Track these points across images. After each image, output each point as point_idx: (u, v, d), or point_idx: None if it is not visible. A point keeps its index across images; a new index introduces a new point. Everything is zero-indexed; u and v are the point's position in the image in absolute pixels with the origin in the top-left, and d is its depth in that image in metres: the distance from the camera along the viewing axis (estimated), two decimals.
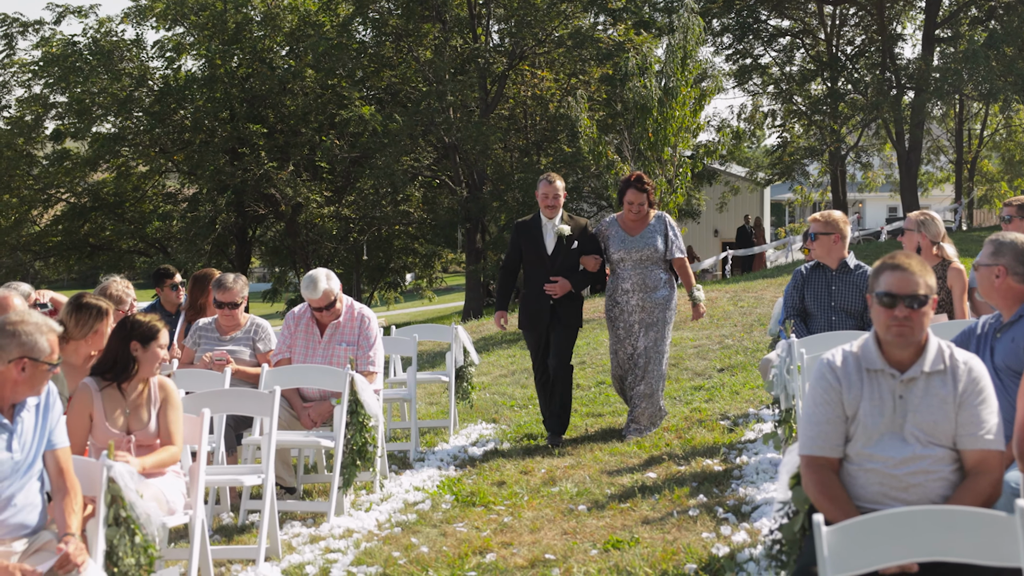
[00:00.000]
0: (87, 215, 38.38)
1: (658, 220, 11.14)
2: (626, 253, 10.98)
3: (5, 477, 5.43)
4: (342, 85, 36.06)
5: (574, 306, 11.16)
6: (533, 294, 11.09)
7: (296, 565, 7.63)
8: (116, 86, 36.84)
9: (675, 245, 11.10)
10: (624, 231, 11.09)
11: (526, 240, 11.12)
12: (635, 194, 10.94)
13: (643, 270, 10.96)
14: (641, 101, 20.28)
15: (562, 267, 11.00)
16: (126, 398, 6.91)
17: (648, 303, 10.92)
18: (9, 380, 5.45)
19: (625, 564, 7.03)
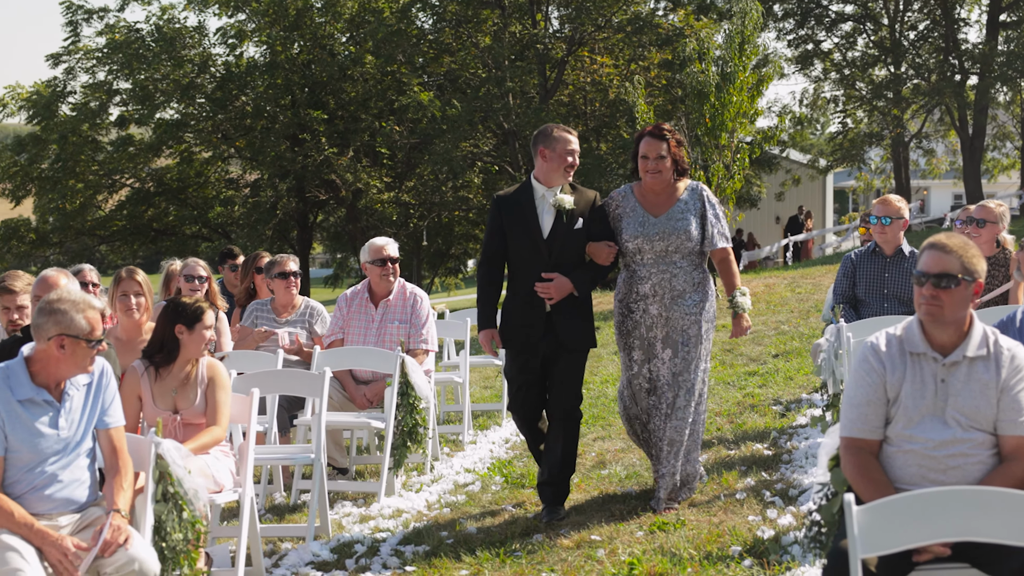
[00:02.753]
0: (151, 200, 38.77)
1: (692, 194, 7.98)
2: (645, 241, 7.88)
3: (52, 454, 5.56)
4: (402, 71, 36.16)
5: (581, 316, 8.11)
6: (520, 298, 8.03)
7: (345, 543, 7.75)
8: (179, 72, 37.15)
9: (716, 229, 7.99)
10: (643, 207, 7.95)
11: (512, 218, 8.03)
12: (650, 143, 7.86)
13: (669, 266, 7.90)
14: (698, 87, 20.22)
15: (563, 255, 7.98)
16: (174, 378, 7.03)
17: (675, 313, 7.89)
18: (51, 358, 5.58)
19: (670, 546, 7.08)
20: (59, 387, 5.63)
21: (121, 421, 5.84)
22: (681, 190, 8.01)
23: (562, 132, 7.96)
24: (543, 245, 7.95)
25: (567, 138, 7.94)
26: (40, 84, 38.39)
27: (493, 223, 8.14)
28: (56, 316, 5.57)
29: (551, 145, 7.93)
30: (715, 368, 13.61)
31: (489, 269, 8.19)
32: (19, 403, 5.54)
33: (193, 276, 10.05)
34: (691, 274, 7.94)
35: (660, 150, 7.82)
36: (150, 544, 5.70)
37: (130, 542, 5.42)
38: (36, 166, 37.75)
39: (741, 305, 8.15)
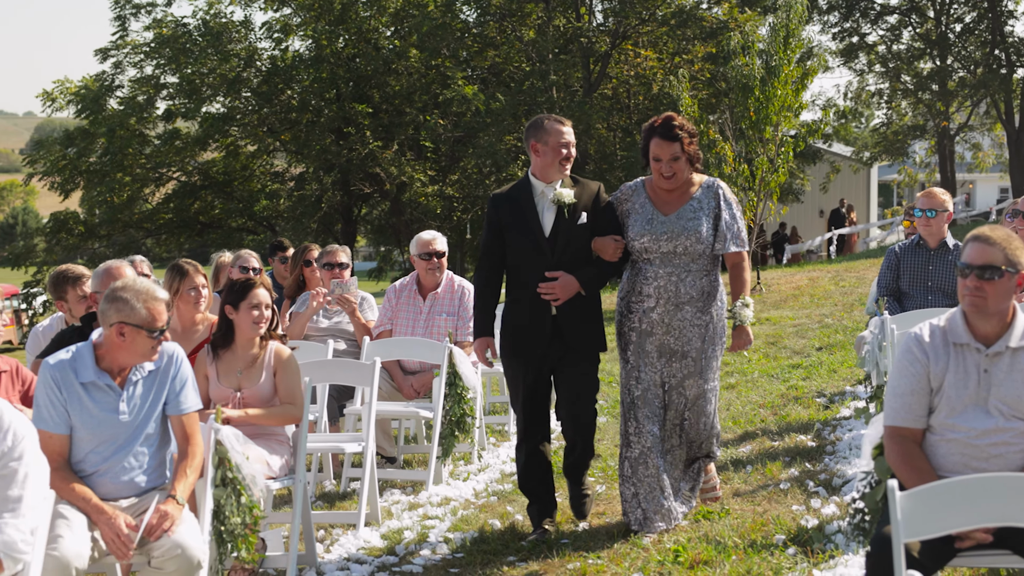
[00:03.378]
0: (197, 193, 39.11)
1: (707, 192, 7.38)
2: (652, 240, 7.28)
3: (114, 437, 5.71)
4: (446, 65, 36.30)
5: (590, 317, 7.52)
6: (522, 302, 7.45)
7: (395, 530, 7.90)
8: (225, 67, 37.45)
9: (731, 232, 7.35)
10: (653, 204, 7.38)
11: (511, 216, 7.47)
12: (662, 146, 7.21)
13: (676, 269, 7.28)
14: (743, 80, 20.26)
15: (567, 253, 7.38)
16: (238, 360, 7.19)
17: (677, 321, 7.29)
18: (114, 345, 5.75)
19: (714, 534, 7.17)
20: (123, 373, 5.79)
21: (194, 407, 5.98)
22: (695, 187, 7.39)
23: (554, 123, 7.40)
24: (545, 243, 7.35)
25: (560, 129, 7.37)
26: (88, 79, 38.82)
27: (490, 224, 7.57)
28: (118, 304, 5.74)
29: (543, 138, 7.38)
30: (759, 360, 13.68)
31: (486, 273, 7.61)
32: (82, 386, 5.72)
33: (247, 267, 10.25)
34: (699, 280, 7.30)
35: (673, 151, 7.19)
36: (199, 531, 5.84)
37: (174, 528, 5.55)
38: (84, 160, 38.16)
39: (741, 316, 7.41)
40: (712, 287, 7.37)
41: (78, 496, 5.51)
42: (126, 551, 5.48)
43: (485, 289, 7.60)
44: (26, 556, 4.72)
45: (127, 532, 5.49)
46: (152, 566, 5.48)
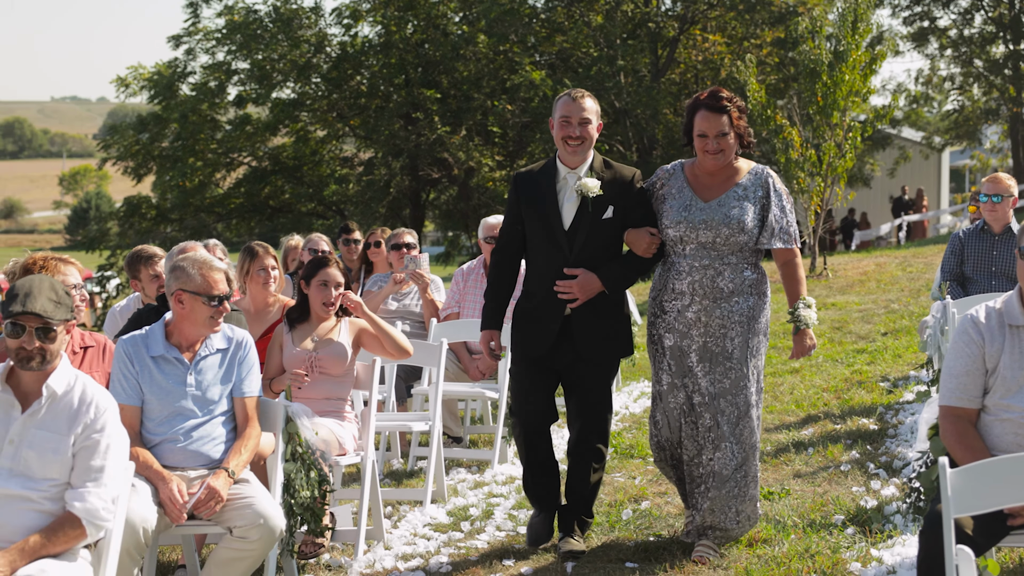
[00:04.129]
0: (267, 178, 39.54)
1: (754, 179, 6.61)
2: (689, 228, 6.51)
3: (183, 410, 5.93)
4: (514, 51, 36.44)
5: (609, 319, 6.80)
6: (536, 299, 6.79)
7: (460, 507, 8.08)
8: (295, 53, 37.83)
9: (778, 226, 6.59)
10: (692, 190, 6.61)
11: (529, 201, 6.77)
12: (708, 119, 6.48)
13: (714, 261, 6.52)
14: (811, 65, 20.23)
15: (587, 250, 6.65)
16: (313, 331, 7.43)
17: (715, 320, 6.51)
18: (177, 315, 6.01)
19: (774, 513, 7.29)
20: (192, 348, 6.02)
21: (255, 392, 6.17)
22: (742, 173, 6.62)
23: (563, 96, 6.74)
24: (563, 237, 6.65)
25: (566, 103, 6.68)
26: (161, 65, 39.36)
27: (510, 206, 6.89)
28: (176, 273, 6.01)
29: (553, 113, 6.76)
30: (823, 345, 13.71)
31: (500, 261, 6.97)
32: (152, 359, 5.97)
33: (316, 250, 10.47)
34: (741, 274, 6.54)
35: (721, 126, 6.44)
36: (279, 501, 6.05)
37: (221, 505, 5.74)
38: (157, 145, 38.74)
39: (804, 319, 6.61)
40: (756, 282, 6.60)
41: (142, 464, 5.72)
42: (179, 516, 5.69)
43: (497, 278, 6.96)
44: (108, 523, 4.94)
45: (182, 502, 5.70)
46: (235, 535, 5.68)
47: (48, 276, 5.17)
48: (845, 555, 6.46)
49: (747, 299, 6.56)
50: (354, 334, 7.44)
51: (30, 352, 4.89)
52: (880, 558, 6.33)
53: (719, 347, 6.53)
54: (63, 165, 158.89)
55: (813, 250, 22.12)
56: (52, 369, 4.94)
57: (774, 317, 10.83)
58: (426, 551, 7.19)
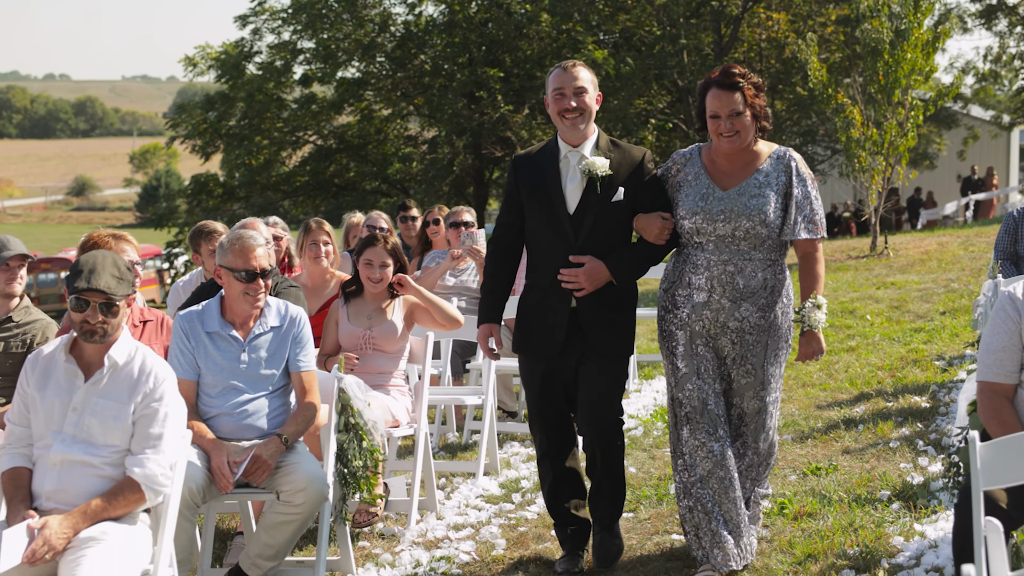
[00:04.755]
0: (332, 156, 39.84)
1: (776, 164, 6.02)
2: (706, 220, 5.99)
3: (236, 384, 6.11)
4: (577, 29, 36.42)
5: (620, 311, 6.30)
6: (539, 290, 6.29)
7: (512, 480, 8.24)
8: (360, 32, 38.04)
9: (802, 214, 6.02)
10: (709, 176, 6.08)
11: (530, 186, 6.24)
12: (720, 97, 5.91)
13: (734, 256, 5.99)
14: (872, 43, 20.14)
15: (595, 235, 6.13)
16: (367, 307, 7.61)
17: (734, 321, 6.02)
18: (224, 292, 6.19)
19: (821, 488, 7.38)
20: (246, 325, 6.19)
21: (311, 367, 6.32)
22: (763, 157, 6.04)
23: (556, 68, 6.21)
24: (568, 222, 6.11)
25: (557, 74, 6.17)
26: (228, 44, 39.73)
27: (508, 191, 6.36)
28: (218, 249, 6.25)
29: (546, 90, 6.29)
30: (880, 324, 13.71)
31: (497, 252, 6.42)
32: (207, 334, 6.16)
33: (374, 227, 10.63)
34: (763, 270, 6.00)
35: (734, 104, 5.87)
36: (332, 470, 6.21)
37: (267, 473, 5.90)
38: (224, 123, 39.12)
39: (811, 321, 6.04)
40: (777, 280, 6.06)
41: (197, 434, 5.91)
42: (227, 484, 5.87)
43: (494, 270, 6.42)
44: (166, 489, 5.13)
45: (229, 470, 5.88)
46: (281, 499, 5.87)
47: (111, 252, 5.35)
48: (889, 530, 6.54)
49: (768, 299, 6.01)
50: (407, 310, 7.61)
51: (93, 326, 5.08)
52: (923, 532, 6.40)
53: (736, 351, 6.04)
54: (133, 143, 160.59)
55: (874, 229, 22.04)
56: (113, 341, 5.13)
57: None
58: (477, 521, 7.36)
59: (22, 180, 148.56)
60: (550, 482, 6.47)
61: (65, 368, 5.13)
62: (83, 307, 5.07)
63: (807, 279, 6.11)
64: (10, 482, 5.06)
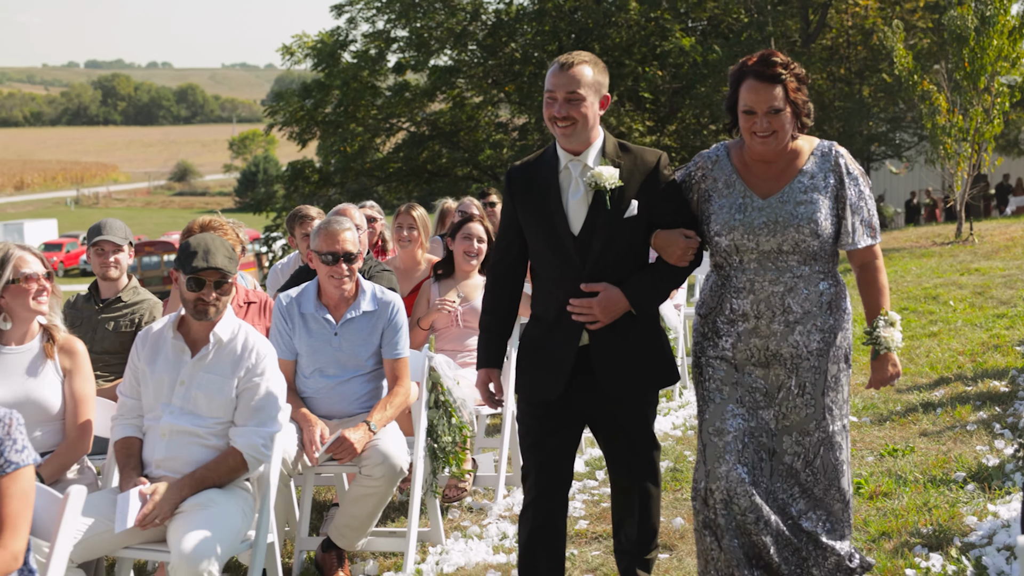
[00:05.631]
0: (425, 143, 40.13)
1: (822, 162, 5.04)
2: (747, 235, 5.01)
3: (329, 365, 6.32)
4: (665, 17, 36.38)
5: (642, 346, 5.16)
6: (545, 325, 5.18)
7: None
8: (452, 21, 38.29)
9: (859, 218, 5.05)
10: (744, 182, 5.08)
11: (527, 203, 5.15)
12: (757, 90, 4.88)
13: (782, 274, 5.02)
14: (957, 31, 19.96)
15: (606, 259, 5.04)
16: (458, 284, 7.84)
17: (787, 348, 5.04)
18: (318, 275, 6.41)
19: (897, 469, 7.44)
20: (339, 309, 6.38)
21: (404, 353, 6.46)
22: (805, 155, 5.06)
23: (554, 64, 5.08)
24: (572, 245, 5.02)
25: (553, 73, 5.04)
26: (324, 34, 40.15)
27: (505, 209, 5.29)
28: (312, 234, 6.44)
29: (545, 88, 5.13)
30: (963, 310, 13.62)
31: (494, 279, 5.35)
32: (301, 316, 6.38)
33: (467, 213, 10.80)
34: (817, 286, 5.02)
35: (773, 100, 4.86)
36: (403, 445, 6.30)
37: (352, 455, 6.05)
38: (320, 111, 39.56)
39: (884, 341, 5.06)
40: (835, 295, 5.08)
41: (292, 409, 6.14)
42: (313, 459, 6.10)
43: (493, 304, 5.33)
44: (266, 459, 5.34)
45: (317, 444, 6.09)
46: (363, 474, 6.05)
47: (217, 235, 5.58)
48: (962, 509, 6.58)
49: (824, 320, 5.03)
50: None
51: (208, 304, 5.28)
52: (996, 512, 6.45)
53: (792, 381, 5.05)
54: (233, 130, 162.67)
55: (959, 215, 21.84)
56: (219, 319, 5.35)
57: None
58: None
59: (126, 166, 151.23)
60: (525, 539, 5.24)
61: (173, 344, 5.35)
62: (199, 286, 5.26)
63: (872, 292, 5.14)
64: (123, 451, 5.31)
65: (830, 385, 5.09)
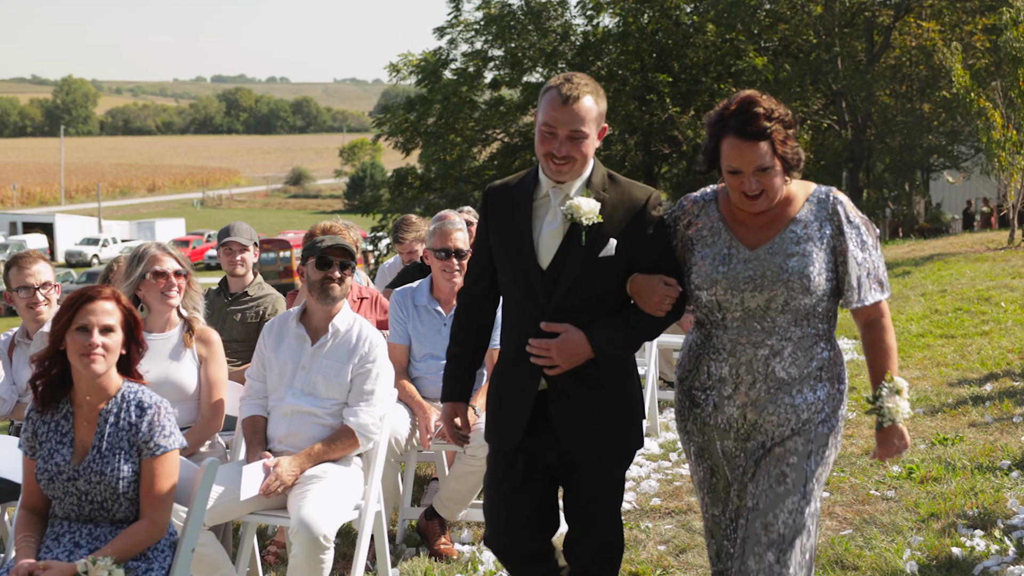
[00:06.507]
0: (517, 153, 40.35)
1: (818, 209, 4.11)
2: (731, 290, 4.09)
3: (436, 353, 6.47)
4: (739, 38, 36.20)
5: (608, 402, 4.24)
6: (506, 361, 4.39)
7: (670, 441, 8.50)
8: (543, 41, 38.50)
9: (864, 271, 4.09)
10: (731, 231, 4.17)
11: (500, 229, 4.32)
12: (740, 149, 3.98)
13: (769, 335, 4.08)
14: (1013, 52, 19.68)
15: (574, 298, 4.18)
16: None
17: (770, 420, 4.11)
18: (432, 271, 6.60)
19: (946, 457, 7.43)
20: (449, 302, 6.54)
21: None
22: (798, 201, 4.11)
23: (550, 90, 4.15)
24: (538, 279, 4.17)
25: (552, 102, 4.11)
26: (427, 53, 40.55)
27: (479, 231, 4.44)
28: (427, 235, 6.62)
29: (538, 108, 4.21)
30: (1014, 311, 13.46)
31: (463, 307, 4.54)
32: (415, 307, 6.58)
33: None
34: (808, 351, 4.07)
35: (759, 159, 3.95)
36: None
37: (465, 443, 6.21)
38: (423, 123, 39.99)
39: (888, 412, 4.04)
40: (828, 360, 4.11)
41: (407, 393, 6.35)
42: (426, 442, 6.27)
43: (459, 333, 4.53)
44: (376, 437, 5.50)
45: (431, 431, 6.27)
46: (467, 453, 6.19)
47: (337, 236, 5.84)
48: (1007, 494, 6.57)
49: (817, 390, 4.09)
50: None
51: (334, 280, 5.46)
52: None
53: (780, 462, 4.09)
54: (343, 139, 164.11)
55: (1012, 222, 21.55)
56: (337, 311, 5.52)
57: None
58: (638, 476, 7.61)
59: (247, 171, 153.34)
60: None
61: (296, 333, 5.54)
62: (327, 264, 5.44)
63: (878, 354, 4.12)
64: (249, 427, 5.51)
65: (815, 460, 4.08)
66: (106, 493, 4.15)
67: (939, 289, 15.50)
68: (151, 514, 4.17)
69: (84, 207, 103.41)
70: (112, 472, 4.13)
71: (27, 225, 74.96)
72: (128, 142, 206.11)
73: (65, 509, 4.22)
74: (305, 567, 4.87)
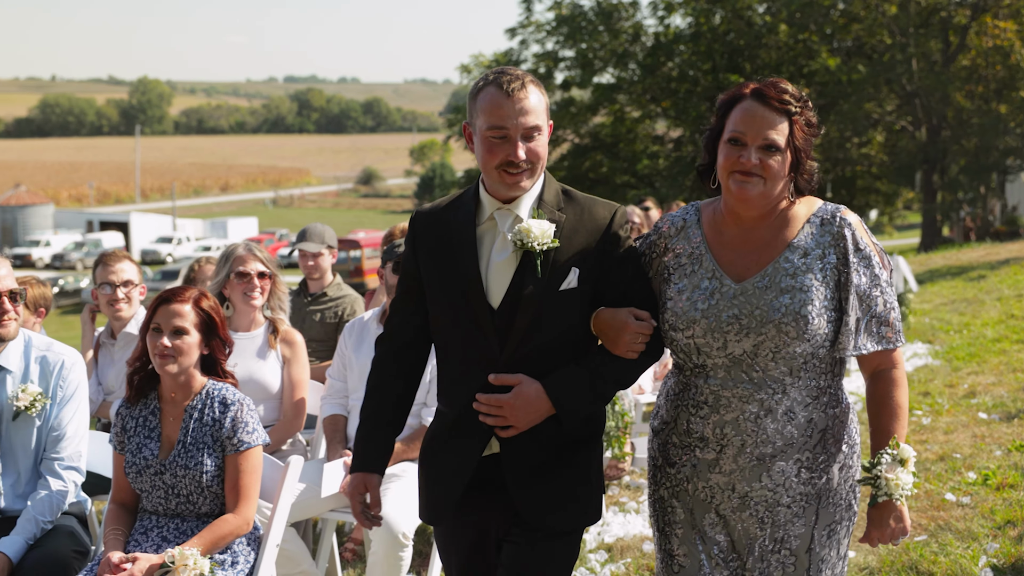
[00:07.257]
0: (588, 153, 40.47)
1: (820, 234, 3.27)
2: (712, 331, 3.28)
3: None
4: (812, 39, 35.96)
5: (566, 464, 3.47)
6: (448, 420, 3.55)
7: None
8: (614, 42, 38.52)
9: (871, 312, 3.26)
10: (714, 257, 3.36)
11: (434, 263, 3.49)
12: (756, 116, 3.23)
13: (759, 388, 3.25)
14: None
15: (531, 344, 3.37)
16: None
17: (762, 490, 3.31)
18: None
19: (1023, 464, 7.36)
20: None
21: None
22: (798, 222, 3.34)
23: (489, 87, 3.35)
24: (489, 323, 3.41)
25: (494, 99, 3.34)
26: (499, 54, 40.79)
27: (404, 265, 3.64)
28: None
29: (474, 115, 3.42)
30: None
31: (383, 355, 3.67)
32: None
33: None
34: (807, 406, 3.31)
35: (772, 130, 3.24)
36: None
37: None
38: None
39: (885, 485, 3.24)
40: (832, 419, 3.35)
41: None
42: None
43: (378, 386, 3.66)
44: None
45: None
46: None
47: None
48: None
49: (815, 454, 3.34)
50: None
51: None
52: None
53: (766, 533, 3.39)
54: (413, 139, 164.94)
55: None
56: None
57: None
58: None
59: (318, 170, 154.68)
60: None
61: (376, 334, 5.62)
62: None
63: (884, 413, 3.32)
64: (330, 426, 5.61)
65: (821, 540, 3.38)
66: (191, 487, 4.27)
67: (1015, 293, 15.30)
68: (237, 508, 4.28)
69: (159, 206, 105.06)
70: (196, 466, 4.25)
71: (103, 223, 76.39)
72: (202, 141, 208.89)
73: (153, 503, 4.34)
74: (384, 564, 4.96)
